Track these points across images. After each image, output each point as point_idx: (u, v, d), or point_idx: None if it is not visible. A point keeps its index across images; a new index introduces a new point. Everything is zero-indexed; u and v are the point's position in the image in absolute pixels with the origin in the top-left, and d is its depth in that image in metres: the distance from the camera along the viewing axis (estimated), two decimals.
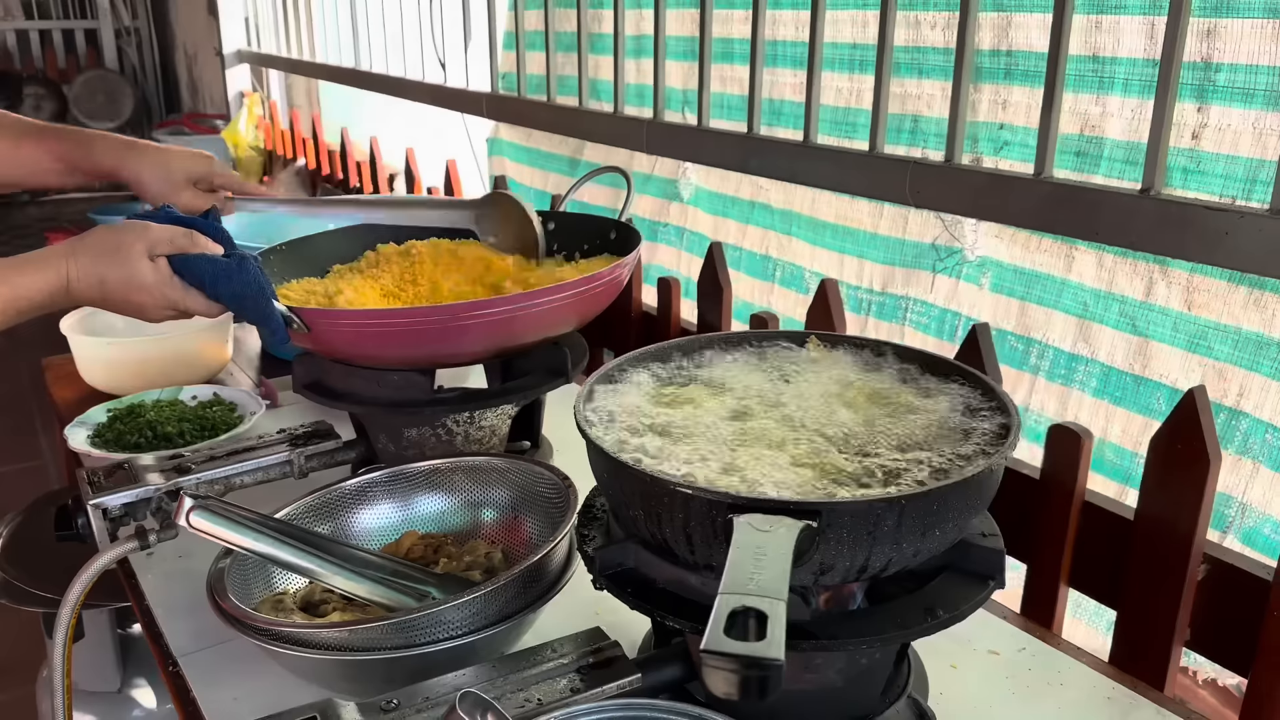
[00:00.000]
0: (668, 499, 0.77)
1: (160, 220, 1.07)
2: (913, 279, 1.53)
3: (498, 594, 0.90)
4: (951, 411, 0.90)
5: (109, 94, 7.76)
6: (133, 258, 1.01)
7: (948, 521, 0.78)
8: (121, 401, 1.57)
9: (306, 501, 1.09)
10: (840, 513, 0.73)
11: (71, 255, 0.99)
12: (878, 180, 1.43)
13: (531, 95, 2.28)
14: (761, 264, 1.85)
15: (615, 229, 1.43)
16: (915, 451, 0.84)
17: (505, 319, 1.15)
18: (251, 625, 0.88)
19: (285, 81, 4.41)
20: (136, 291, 1.02)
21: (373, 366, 1.21)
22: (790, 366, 1.01)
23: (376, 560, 1.02)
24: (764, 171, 1.66)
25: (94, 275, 0.99)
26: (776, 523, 0.67)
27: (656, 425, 0.88)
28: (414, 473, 1.14)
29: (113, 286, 1.01)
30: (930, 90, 1.47)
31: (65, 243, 1.01)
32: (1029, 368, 1.36)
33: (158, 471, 1.16)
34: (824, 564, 0.76)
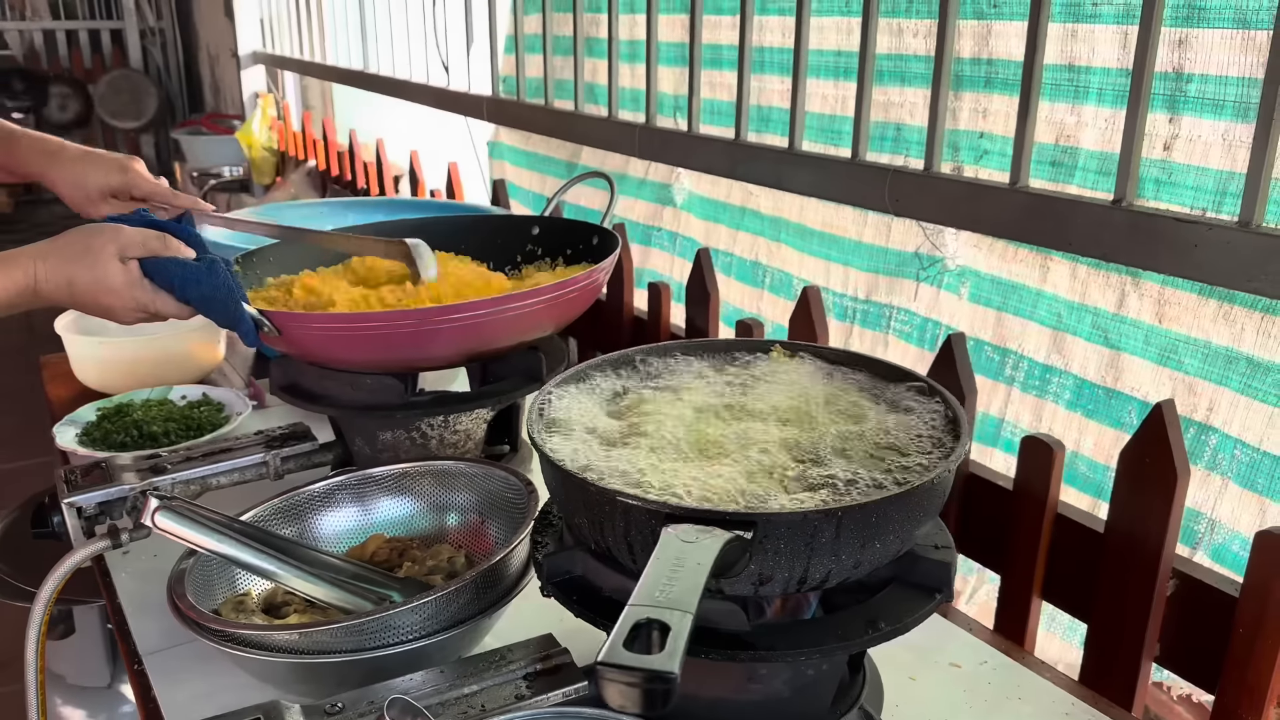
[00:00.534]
0: (608, 508, 0.78)
1: (133, 223, 1.08)
2: (896, 287, 1.52)
3: (450, 599, 0.90)
4: (903, 422, 0.90)
5: (133, 93, 7.85)
6: (103, 260, 1.02)
7: (888, 534, 0.78)
8: (111, 401, 1.59)
9: (274, 504, 1.10)
10: (776, 524, 0.73)
11: (40, 256, 1.01)
12: (859, 188, 1.43)
13: (530, 99, 2.29)
14: (751, 270, 1.85)
15: (597, 234, 1.43)
16: (864, 462, 0.84)
17: (476, 324, 1.15)
18: (206, 626, 0.89)
19: (300, 83, 4.45)
20: (106, 294, 1.03)
21: (347, 370, 1.22)
22: (750, 375, 1.01)
23: (337, 564, 1.02)
24: (751, 177, 1.66)
25: (63, 276, 1.01)
26: (704, 534, 0.68)
27: (608, 433, 0.89)
28: (382, 476, 1.15)
29: (82, 288, 1.02)
30: (913, 98, 1.46)
31: (37, 245, 1.02)
32: (1004, 378, 1.35)
33: (134, 471, 1.18)
34: (761, 575, 0.76)
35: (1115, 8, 1.23)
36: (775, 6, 1.76)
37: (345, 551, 1.10)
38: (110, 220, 1.08)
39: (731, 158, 1.67)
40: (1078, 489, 1.29)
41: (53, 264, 1.01)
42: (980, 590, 1.39)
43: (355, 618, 0.88)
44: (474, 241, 1.47)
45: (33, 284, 1.00)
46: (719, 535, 0.67)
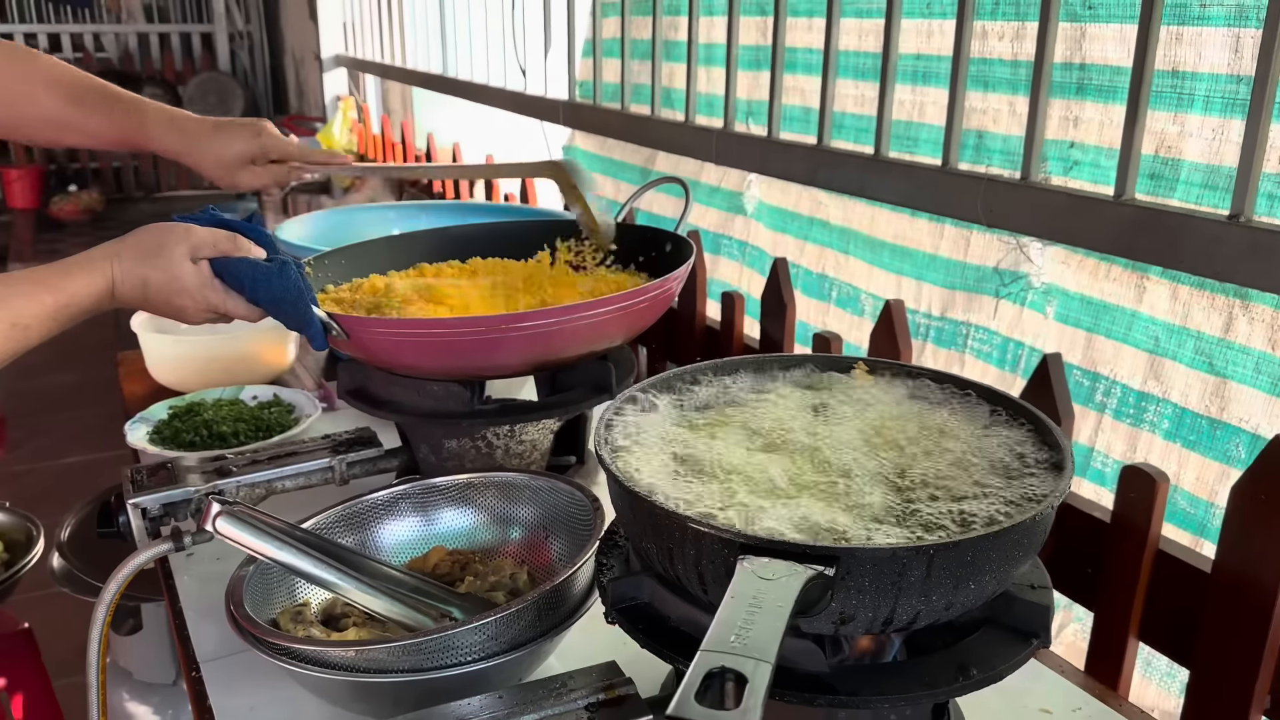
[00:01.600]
0: (679, 534, 0.73)
1: (204, 222, 1.07)
2: (974, 304, 1.45)
3: (512, 619, 0.87)
4: (1001, 451, 0.84)
5: (220, 95, 8.05)
6: (175, 259, 1.01)
7: (984, 574, 0.72)
8: (183, 399, 1.59)
9: (337, 511, 1.07)
10: (861, 560, 0.68)
11: (116, 257, 1.00)
12: (949, 197, 1.36)
13: (606, 103, 2.26)
14: (819, 283, 1.79)
15: (671, 241, 1.39)
16: (956, 494, 0.78)
17: (545, 332, 1.12)
18: (261, 638, 0.87)
19: (380, 86, 4.50)
20: (178, 294, 1.02)
21: (414, 376, 1.19)
22: (831, 394, 0.95)
23: (398, 576, 1.00)
24: (832, 185, 1.60)
25: (137, 277, 1.00)
26: (783, 569, 0.63)
27: (680, 453, 0.84)
28: (446, 486, 1.12)
29: (155, 288, 1.01)
30: (997, 104, 1.39)
31: (109, 244, 1.01)
32: (1095, 405, 1.27)
33: (199, 473, 1.17)
34: (844, 613, 0.70)
35: (1226, 9, 1.15)
36: (853, 9, 1.70)
37: (406, 562, 1.08)
38: (179, 219, 1.06)
39: (812, 164, 1.62)
40: (1176, 524, 1.21)
41: (127, 264, 1.00)
42: (1067, 628, 1.31)
43: (414, 636, 0.85)
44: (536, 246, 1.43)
45: (110, 286, 0.99)
46: (800, 572, 0.62)
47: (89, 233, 7.29)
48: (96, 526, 1.11)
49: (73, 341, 1.57)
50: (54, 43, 7.71)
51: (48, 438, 4.10)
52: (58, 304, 0.95)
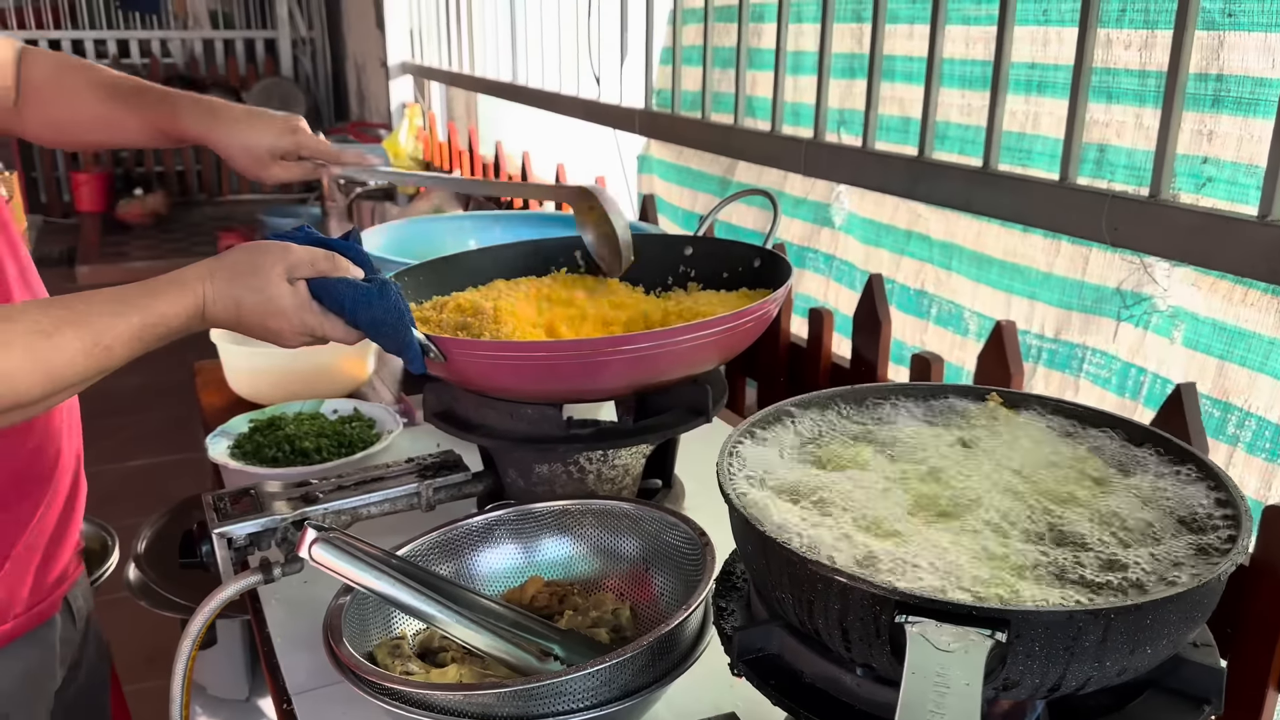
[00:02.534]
0: (821, 585, 0.67)
1: (300, 240, 1.03)
2: (1091, 326, 1.37)
3: (625, 665, 0.81)
4: (1166, 499, 0.77)
5: (283, 100, 8.13)
6: (272, 280, 0.97)
7: (1162, 638, 0.65)
8: (264, 413, 1.56)
9: (431, 538, 1.03)
10: (1034, 623, 0.62)
11: (209, 277, 0.96)
12: (1067, 214, 1.28)
13: (685, 112, 2.20)
14: (916, 299, 1.71)
15: (760, 257, 1.33)
16: (1123, 547, 0.72)
17: (647, 356, 1.07)
18: (362, 676, 0.82)
19: (446, 94, 4.49)
20: (274, 316, 0.98)
21: (506, 399, 1.15)
22: (969, 428, 0.89)
23: (498, 609, 0.95)
24: (934, 199, 1.53)
25: (230, 298, 0.96)
26: (961, 636, 0.57)
27: (810, 489, 0.78)
28: (542, 513, 1.07)
29: (249, 310, 0.97)
30: (1121, 116, 1.31)
31: (203, 263, 0.98)
32: (1226, 438, 1.19)
33: (284, 500, 1.13)
34: (1008, 679, 0.64)
35: None
36: (959, 15, 1.63)
37: (503, 593, 1.03)
38: (276, 238, 1.03)
39: (913, 176, 1.55)
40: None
41: (220, 285, 0.96)
42: None
43: (524, 680, 0.80)
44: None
45: (201, 307, 0.95)
46: (980, 642, 0.56)
47: (153, 235, 7.41)
48: (179, 557, 1.08)
49: None
50: (122, 48, 7.86)
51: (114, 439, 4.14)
52: (144, 324, 0.91)
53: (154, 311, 0.92)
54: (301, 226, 1.06)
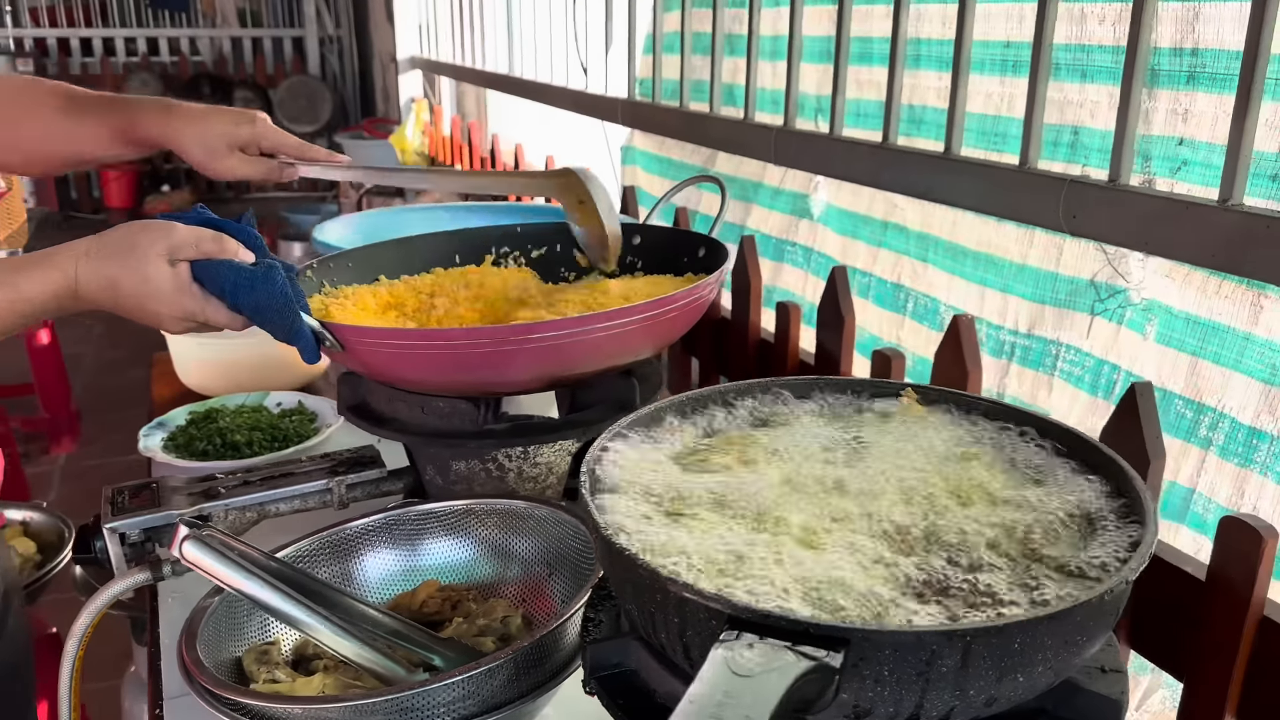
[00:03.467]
0: (660, 596, 0.61)
1: (190, 221, 0.98)
2: (1065, 321, 1.29)
3: (483, 679, 0.75)
4: (1071, 508, 0.69)
5: (310, 99, 8.18)
6: (150, 260, 0.92)
7: (1035, 665, 0.57)
8: (204, 404, 1.52)
9: (321, 538, 0.98)
10: (879, 644, 0.55)
11: (83, 255, 0.91)
12: (1027, 201, 1.20)
13: (666, 101, 2.14)
14: (893, 293, 1.63)
15: (705, 245, 1.26)
16: (1009, 561, 0.64)
17: (559, 345, 1.00)
18: (200, 683, 0.77)
19: (456, 90, 4.46)
20: (152, 299, 0.93)
21: (417, 391, 1.09)
22: (871, 428, 0.82)
23: (376, 616, 0.89)
24: (897, 187, 1.45)
25: (105, 277, 0.91)
26: (767, 661, 0.50)
27: (676, 495, 0.72)
28: (444, 513, 1.01)
29: (126, 291, 0.92)
30: (1095, 96, 1.22)
31: (81, 241, 0.93)
32: (1199, 440, 1.10)
33: (185, 495, 1.09)
34: (858, 707, 0.57)
35: None
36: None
37: (394, 598, 0.97)
38: (164, 218, 0.98)
39: (876, 163, 1.47)
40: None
41: (95, 263, 0.91)
42: (1154, 696, 1.15)
43: (363, 696, 0.74)
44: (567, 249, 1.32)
45: (73, 285, 0.90)
46: (789, 665, 0.49)
47: None
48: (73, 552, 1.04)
49: (158, 339, 1.51)
50: (151, 46, 7.93)
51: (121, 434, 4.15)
52: (6, 300, 0.87)
53: (15, 289, 0.88)
54: (196, 206, 1.01)
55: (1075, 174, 1.14)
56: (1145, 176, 1.14)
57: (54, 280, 0.90)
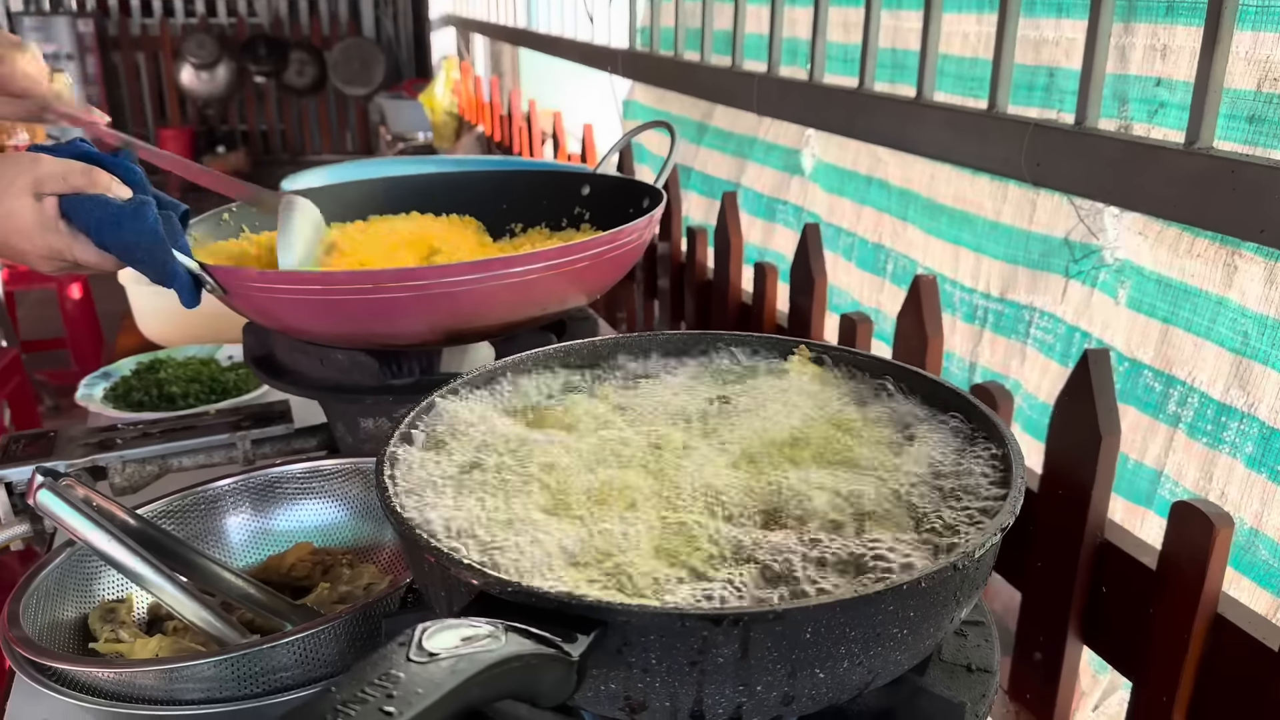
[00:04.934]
0: (427, 566, 0.54)
1: (61, 153, 0.93)
2: (1040, 283, 1.17)
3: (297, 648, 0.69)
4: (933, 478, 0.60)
5: (363, 61, 8.19)
6: (12, 194, 0.87)
7: (839, 660, 0.49)
8: (150, 355, 1.49)
9: (192, 493, 0.92)
10: (640, 628, 0.47)
11: None
12: (992, 148, 1.10)
13: (663, 51, 2.04)
14: (874, 254, 1.53)
15: (650, 195, 1.17)
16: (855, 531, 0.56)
17: (449, 294, 0.93)
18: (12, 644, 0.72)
19: (489, 48, 4.39)
20: (14, 235, 0.88)
21: (313, 342, 1.03)
22: (743, 387, 0.73)
23: (229, 579, 0.83)
24: (871, 135, 1.35)
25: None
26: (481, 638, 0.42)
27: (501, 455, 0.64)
28: (331, 471, 0.95)
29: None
30: (1071, 33, 1.10)
31: None
32: (1167, 417, 0.98)
33: (81, 445, 1.04)
34: (630, 698, 0.49)
35: None
36: None
37: (265, 560, 0.92)
38: (35, 149, 0.93)
39: (851, 111, 1.37)
40: (1255, 581, 0.92)
41: None
42: (1112, 697, 1.04)
43: (169, 661, 0.69)
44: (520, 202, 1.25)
45: None
46: (484, 652, 0.41)
47: None
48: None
49: None
50: (210, 7, 8.00)
51: None
52: None
53: None
54: (73, 140, 0.95)
55: (1041, 118, 1.02)
56: (1121, 121, 1.02)
57: None
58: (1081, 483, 0.91)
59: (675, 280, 1.82)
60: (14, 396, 2.84)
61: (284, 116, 8.26)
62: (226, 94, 8.07)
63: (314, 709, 0.36)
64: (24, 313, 3.95)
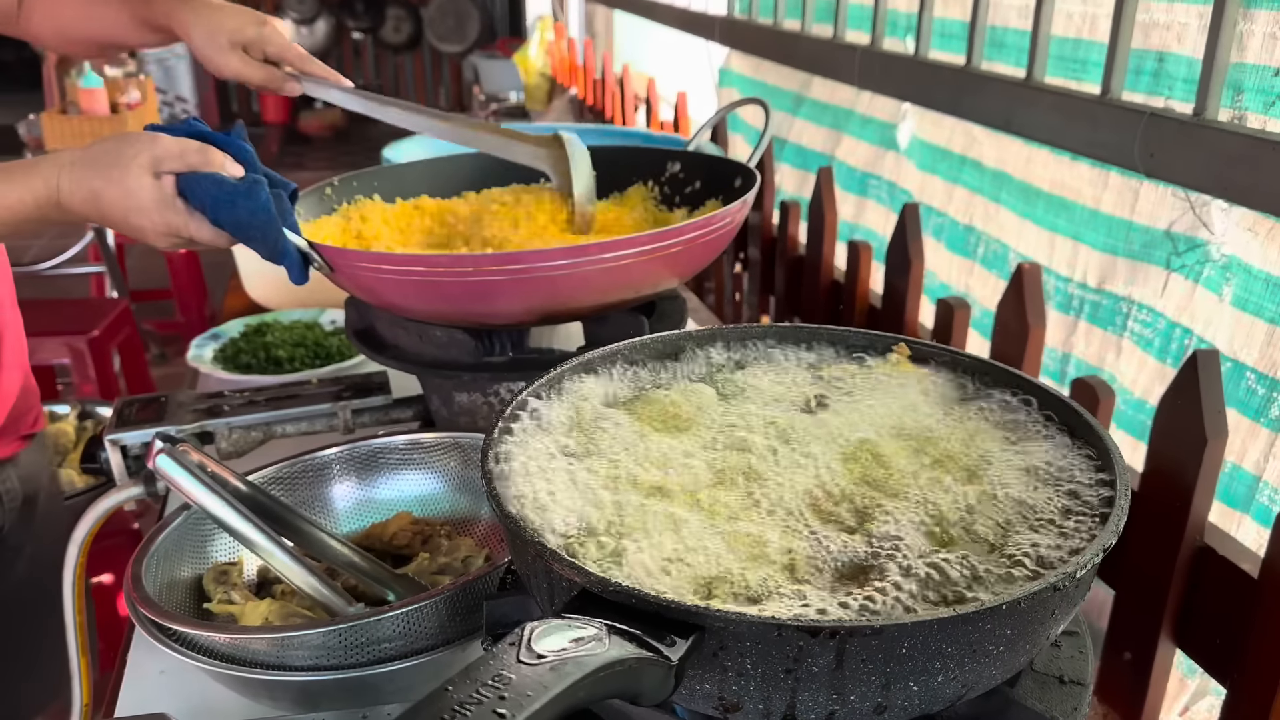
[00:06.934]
0: (533, 559, 0.56)
1: (177, 132, 0.96)
2: (1139, 275, 1.14)
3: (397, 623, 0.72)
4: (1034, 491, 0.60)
5: (458, 18, 8.24)
6: (133, 172, 0.91)
7: (933, 674, 0.49)
8: (258, 318, 1.54)
9: (300, 461, 0.96)
10: (735, 634, 0.48)
11: (67, 165, 0.90)
12: (1104, 136, 1.06)
13: (762, 19, 2.01)
14: (964, 236, 1.49)
15: (741, 174, 1.17)
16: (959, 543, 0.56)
17: (547, 278, 0.95)
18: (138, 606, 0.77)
19: (585, 9, 4.38)
20: (134, 212, 0.92)
21: (414, 319, 1.06)
22: (844, 385, 0.73)
23: (335, 547, 0.87)
24: (977, 116, 1.31)
25: (88, 188, 0.90)
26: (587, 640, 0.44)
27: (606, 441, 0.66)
28: (431, 444, 0.98)
29: (109, 203, 0.91)
30: (1184, 18, 1.05)
31: (67, 151, 0.93)
32: (1269, 422, 0.95)
33: (190, 410, 1.09)
34: (724, 699, 0.51)
35: None
36: None
37: (367, 527, 0.95)
38: (152, 129, 0.96)
39: (957, 89, 1.34)
40: None
41: (78, 173, 0.90)
42: (1202, 701, 1.02)
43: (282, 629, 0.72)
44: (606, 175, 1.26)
45: (55, 195, 0.90)
46: (593, 656, 0.43)
47: (330, 148, 7.71)
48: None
49: None
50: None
51: None
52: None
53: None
54: (188, 119, 0.99)
55: (1157, 106, 0.99)
56: (1235, 111, 0.98)
57: (36, 189, 0.89)
58: (1183, 486, 0.89)
59: (765, 253, 1.81)
60: (124, 346, 2.98)
61: (380, 73, 8.38)
62: (325, 49, 8.21)
63: (433, 707, 0.38)
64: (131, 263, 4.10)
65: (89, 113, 3.15)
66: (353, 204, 1.19)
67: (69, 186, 0.90)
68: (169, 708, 0.77)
